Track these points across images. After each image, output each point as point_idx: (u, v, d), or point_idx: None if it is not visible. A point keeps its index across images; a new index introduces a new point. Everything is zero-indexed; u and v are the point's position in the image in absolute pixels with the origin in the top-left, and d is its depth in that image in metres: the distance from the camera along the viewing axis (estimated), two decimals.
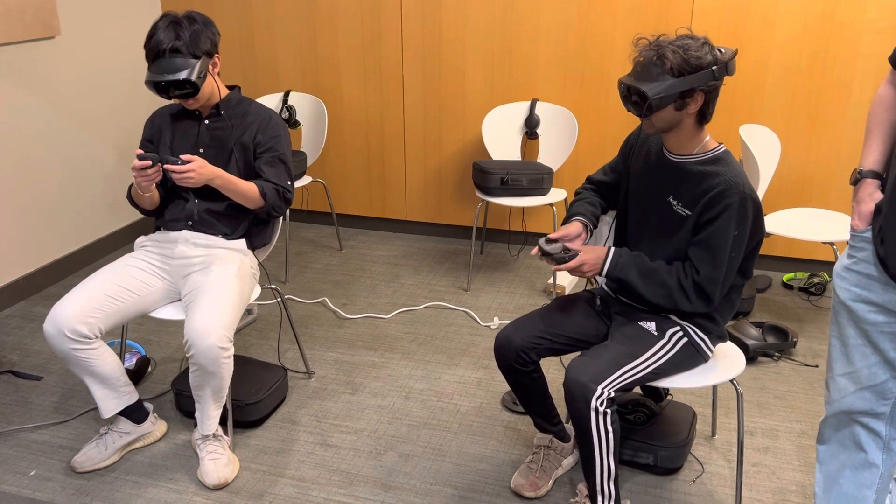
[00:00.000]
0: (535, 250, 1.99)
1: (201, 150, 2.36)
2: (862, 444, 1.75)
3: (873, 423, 1.72)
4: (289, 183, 2.39)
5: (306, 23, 4.02)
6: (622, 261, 1.94)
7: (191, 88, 2.20)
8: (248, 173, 2.38)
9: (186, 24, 2.20)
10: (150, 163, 2.14)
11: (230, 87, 2.40)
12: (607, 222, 2.27)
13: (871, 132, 1.71)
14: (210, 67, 2.26)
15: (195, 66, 2.18)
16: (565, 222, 2.11)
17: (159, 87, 2.19)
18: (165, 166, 2.13)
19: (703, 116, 1.85)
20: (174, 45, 2.17)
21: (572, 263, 1.93)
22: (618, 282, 1.97)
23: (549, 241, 1.99)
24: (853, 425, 1.75)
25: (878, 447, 1.74)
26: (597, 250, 1.96)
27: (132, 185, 2.38)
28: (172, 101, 2.43)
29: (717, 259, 1.84)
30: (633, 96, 1.79)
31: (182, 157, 2.15)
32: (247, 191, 2.31)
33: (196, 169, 2.16)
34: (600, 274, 1.97)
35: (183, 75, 2.16)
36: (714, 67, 1.76)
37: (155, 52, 2.18)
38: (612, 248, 1.96)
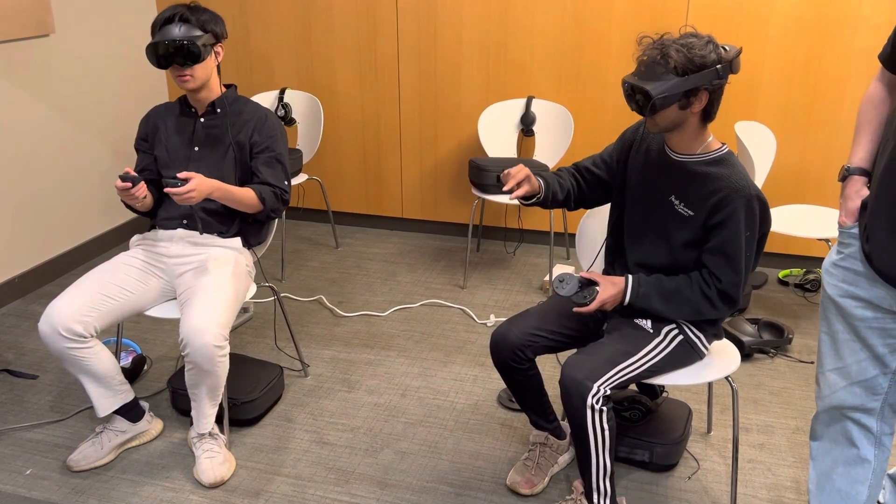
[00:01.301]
0: (574, 309, 1.96)
1: (196, 149, 2.35)
2: (854, 440, 1.75)
3: (864, 419, 1.73)
4: (286, 183, 2.39)
5: (302, 20, 4.01)
6: (642, 290, 1.92)
7: (191, 61, 2.20)
8: (245, 173, 2.38)
9: (200, 8, 2.24)
10: (130, 185, 2.12)
11: (226, 86, 2.40)
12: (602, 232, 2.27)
13: (860, 130, 1.73)
14: (213, 53, 2.26)
15: (201, 36, 2.20)
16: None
17: (159, 55, 2.17)
18: (165, 189, 2.09)
19: (708, 115, 1.84)
20: (184, 15, 2.20)
21: (592, 307, 1.90)
22: (641, 311, 1.96)
23: (562, 279, 1.94)
24: (844, 421, 1.76)
25: (870, 442, 1.75)
26: (615, 285, 1.93)
27: None
28: (166, 102, 2.43)
29: (736, 264, 1.85)
30: (637, 95, 1.78)
31: (179, 175, 2.09)
32: (245, 198, 2.29)
33: (196, 187, 2.11)
34: (622, 305, 1.95)
35: (187, 38, 2.17)
36: (718, 66, 1.75)
37: (163, 18, 2.18)
38: (630, 278, 1.93)
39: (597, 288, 1.92)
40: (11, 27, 3.27)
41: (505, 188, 1.94)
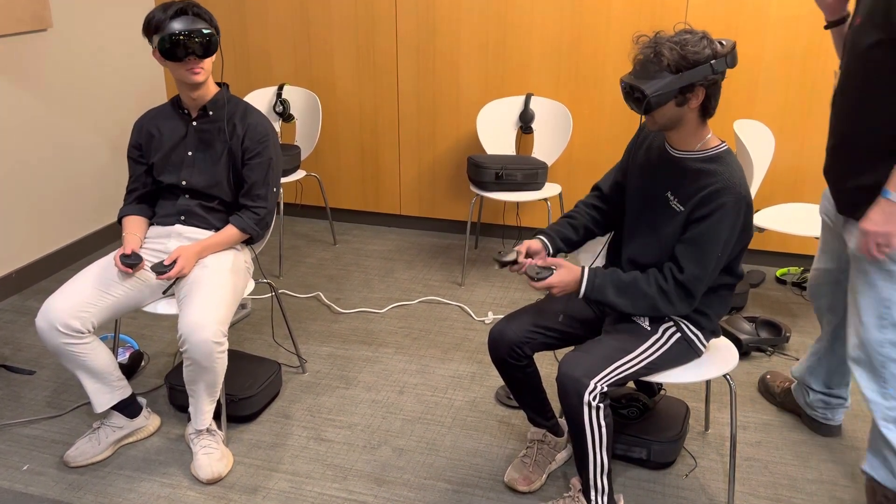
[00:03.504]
0: (496, 265, 2.00)
1: (190, 153, 2.35)
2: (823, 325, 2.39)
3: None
4: (274, 191, 2.41)
5: (300, 16, 4.00)
6: (598, 282, 1.91)
7: (208, 54, 2.19)
8: (238, 176, 2.38)
9: (199, 6, 2.24)
10: (130, 270, 2.23)
11: (218, 84, 2.39)
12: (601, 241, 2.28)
13: None
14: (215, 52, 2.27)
15: (212, 30, 2.21)
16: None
17: (178, 46, 2.15)
18: (158, 278, 2.21)
19: (706, 111, 1.84)
20: (196, 10, 2.20)
21: (541, 284, 1.90)
22: (597, 303, 1.96)
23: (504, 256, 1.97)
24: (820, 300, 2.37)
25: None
26: (571, 272, 1.92)
27: (121, 214, 2.42)
28: (156, 107, 2.43)
29: (705, 258, 1.83)
30: (634, 94, 1.80)
31: (165, 261, 2.21)
32: (232, 239, 2.36)
33: (184, 265, 2.22)
34: (578, 296, 1.94)
35: (207, 30, 2.18)
36: (713, 62, 1.75)
37: (175, 10, 2.17)
38: (586, 270, 1.93)
39: (554, 269, 1.92)
40: (8, 22, 3.25)
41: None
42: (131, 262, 2.22)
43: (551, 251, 2.07)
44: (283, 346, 3.00)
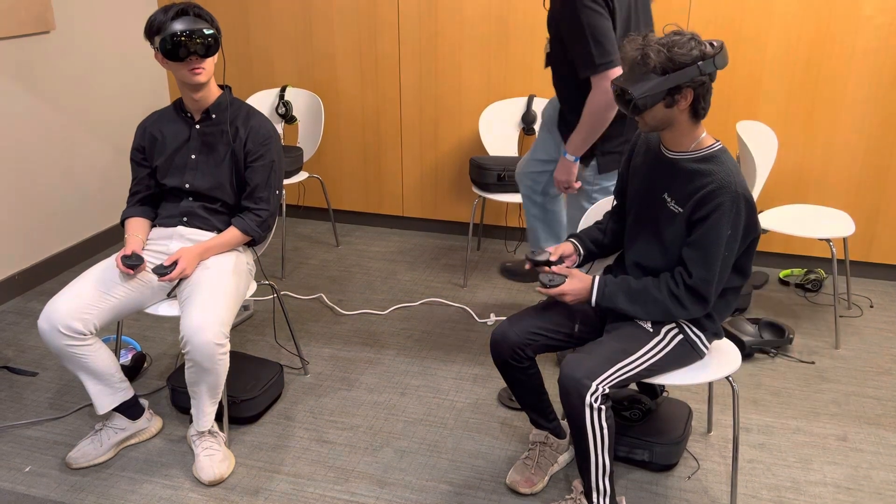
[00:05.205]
0: (527, 265, 2.04)
1: (193, 157, 2.35)
2: None
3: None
4: (277, 193, 2.41)
5: (302, 18, 4.01)
6: (608, 290, 1.93)
7: (209, 54, 2.20)
8: (241, 179, 2.39)
9: (200, 7, 2.25)
10: (131, 271, 2.22)
11: (221, 87, 2.39)
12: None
13: None
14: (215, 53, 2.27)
15: (214, 30, 2.21)
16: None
17: (180, 45, 2.15)
18: (160, 280, 2.21)
19: (696, 112, 1.85)
20: (198, 10, 2.20)
21: (553, 291, 1.95)
22: (608, 310, 1.97)
23: (537, 251, 2.05)
24: None
25: None
26: (582, 280, 1.95)
27: (124, 216, 2.42)
28: (159, 109, 2.43)
29: (710, 260, 1.84)
30: (625, 96, 1.81)
31: (165, 262, 2.22)
32: (233, 240, 2.37)
33: (186, 266, 2.23)
34: (588, 304, 1.97)
35: (208, 29, 2.18)
36: (700, 63, 1.76)
37: (176, 11, 2.17)
38: (597, 278, 1.95)
39: (566, 277, 1.96)
40: (11, 24, 3.26)
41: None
42: (132, 263, 2.22)
43: (582, 252, 2.13)
44: (285, 348, 3.01)
